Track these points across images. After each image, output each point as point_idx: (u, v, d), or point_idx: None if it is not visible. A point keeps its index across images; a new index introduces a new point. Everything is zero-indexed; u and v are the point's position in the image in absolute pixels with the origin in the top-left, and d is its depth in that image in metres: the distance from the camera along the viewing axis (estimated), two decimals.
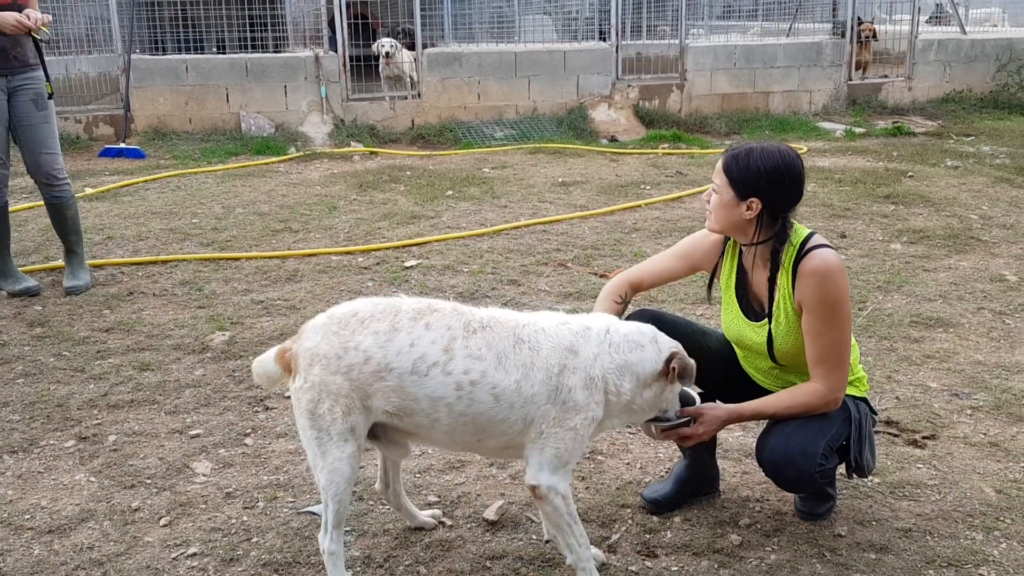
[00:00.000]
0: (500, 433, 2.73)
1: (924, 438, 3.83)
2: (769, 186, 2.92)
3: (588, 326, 2.79)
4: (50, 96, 5.42)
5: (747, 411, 3.01)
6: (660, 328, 3.21)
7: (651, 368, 2.77)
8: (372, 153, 10.00)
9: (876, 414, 3.28)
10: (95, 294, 5.48)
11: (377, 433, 2.87)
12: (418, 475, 3.58)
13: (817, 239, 3.03)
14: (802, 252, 2.98)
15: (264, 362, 2.88)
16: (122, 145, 9.78)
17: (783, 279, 3.02)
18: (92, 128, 10.29)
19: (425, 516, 3.23)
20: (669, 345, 2.83)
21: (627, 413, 2.82)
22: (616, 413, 2.80)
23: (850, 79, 12.73)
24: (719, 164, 3.01)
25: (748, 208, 2.95)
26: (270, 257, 6.17)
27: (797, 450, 2.93)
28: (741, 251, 3.17)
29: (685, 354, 2.83)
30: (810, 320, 2.95)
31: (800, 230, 3.04)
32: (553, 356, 2.70)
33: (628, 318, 3.13)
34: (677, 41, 12.13)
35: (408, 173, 8.83)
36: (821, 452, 2.93)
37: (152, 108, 10.38)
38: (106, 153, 9.66)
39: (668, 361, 2.78)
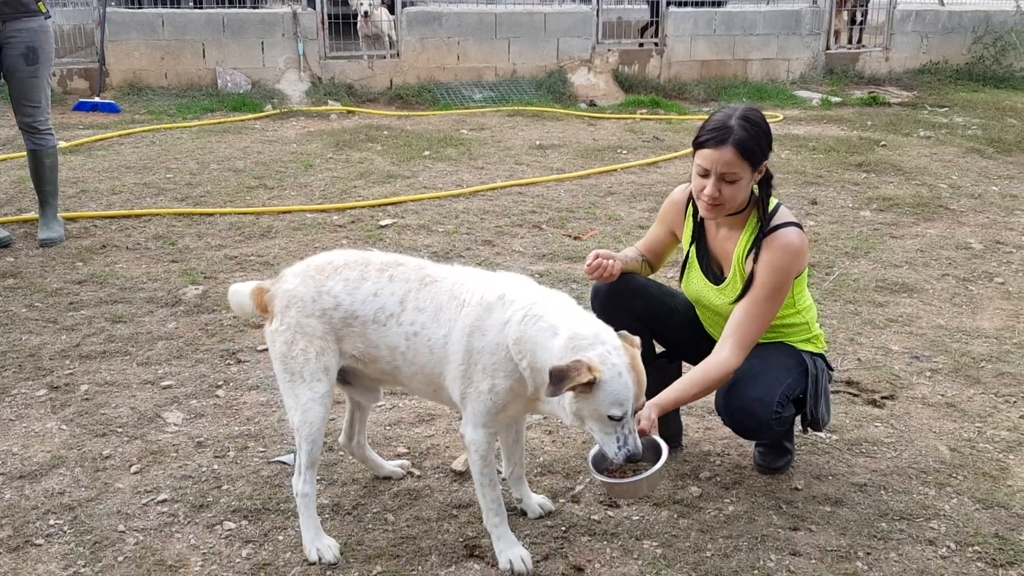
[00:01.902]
0: (444, 388, 2.76)
1: (883, 398, 3.93)
2: (771, 138, 3.02)
3: (521, 293, 2.66)
4: (46, 16, 5.35)
5: (667, 401, 2.95)
6: (629, 292, 3.29)
7: (549, 359, 2.52)
8: (349, 112, 9.95)
9: (832, 370, 3.36)
10: (68, 247, 5.46)
11: (348, 379, 2.96)
12: (388, 428, 3.63)
13: (785, 214, 3.09)
14: (770, 224, 3.04)
15: (240, 294, 2.96)
16: (97, 99, 9.68)
17: (740, 247, 3.08)
18: (66, 82, 10.17)
19: (393, 466, 3.29)
20: (600, 351, 2.49)
21: (544, 401, 2.62)
22: (533, 389, 2.62)
23: (828, 48, 12.77)
24: (731, 155, 2.90)
25: (759, 172, 3.01)
26: (244, 213, 6.16)
27: (755, 398, 3.01)
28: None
29: (595, 366, 2.44)
30: (753, 287, 3.02)
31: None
32: (470, 316, 2.65)
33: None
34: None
35: (385, 133, 8.81)
36: (777, 401, 3.02)
37: (127, 62, 10.26)
38: (80, 107, 9.55)
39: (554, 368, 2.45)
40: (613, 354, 2.51)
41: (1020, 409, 3.87)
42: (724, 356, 3.00)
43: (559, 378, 2.43)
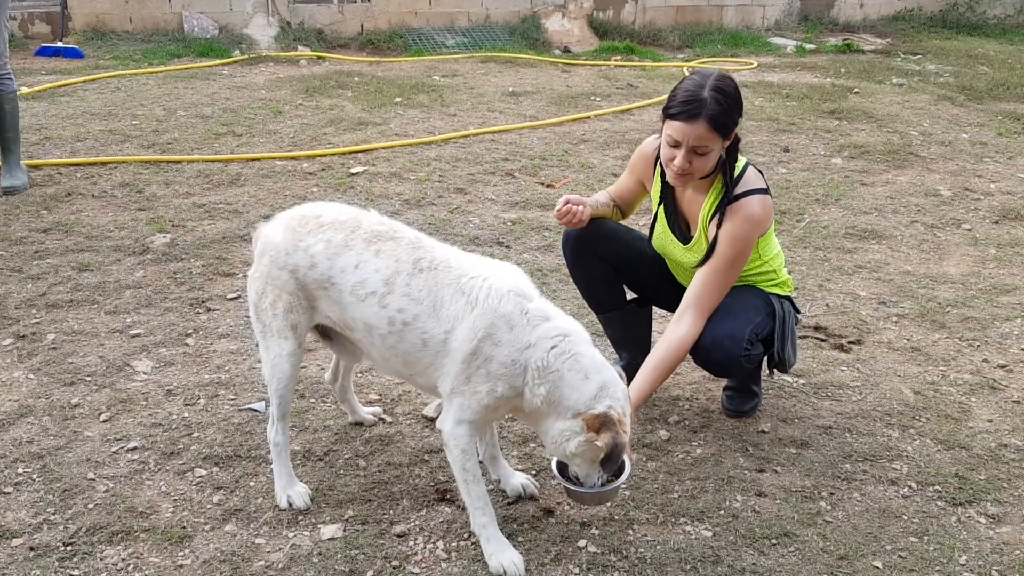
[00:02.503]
0: (426, 375, 2.63)
1: (850, 343, 3.98)
2: (742, 108, 2.98)
3: (548, 317, 2.52)
4: None
5: (642, 397, 2.94)
6: (600, 237, 3.29)
7: (576, 400, 2.47)
8: (319, 58, 9.79)
9: (800, 313, 3.40)
10: (32, 194, 5.37)
11: (329, 335, 2.89)
12: (361, 374, 3.63)
13: (751, 178, 3.06)
14: (736, 190, 3.02)
15: None
16: (59, 44, 9.44)
17: (705, 210, 3.08)
18: (28, 26, 9.91)
19: (366, 413, 3.29)
20: (618, 400, 2.49)
21: (538, 422, 2.56)
22: (534, 417, 2.56)
23: None
24: (703, 129, 2.86)
25: (728, 140, 2.98)
26: (212, 161, 6.07)
27: (724, 334, 3.04)
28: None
29: (621, 432, 2.46)
30: (715, 257, 3.03)
31: (738, 161, 3.08)
32: (483, 318, 2.48)
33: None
34: None
35: (356, 79, 8.68)
36: (747, 338, 3.05)
37: (90, 6, 10.00)
38: (43, 52, 9.32)
39: (598, 417, 2.44)
40: (626, 404, 2.54)
41: (983, 353, 3.94)
42: (684, 331, 3.02)
43: (618, 455, 2.47)
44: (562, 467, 2.73)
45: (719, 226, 3.03)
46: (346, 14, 10.75)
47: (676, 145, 2.93)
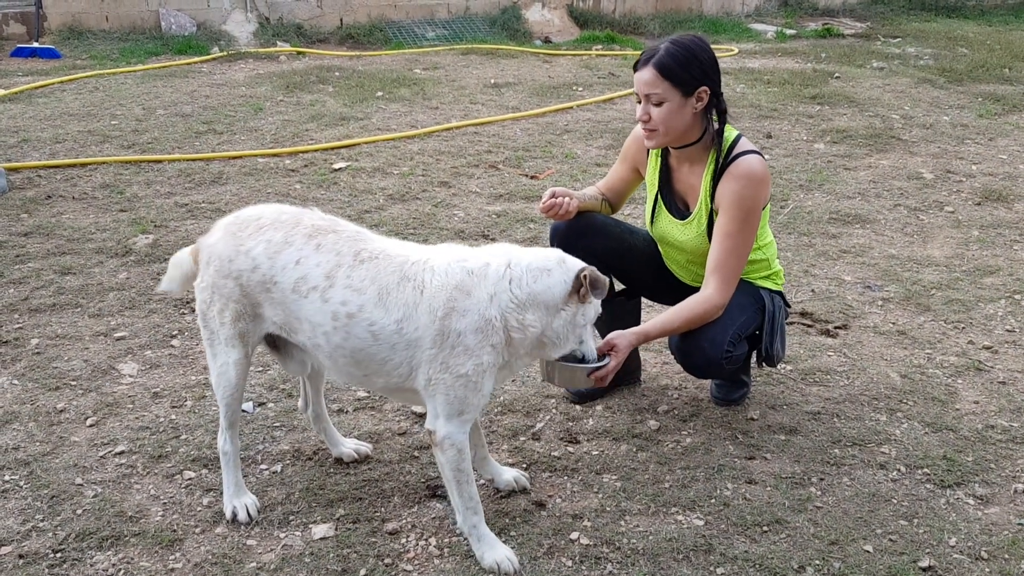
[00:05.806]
0: (384, 373, 2.57)
1: (836, 328, 4.00)
2: (711, 67, 2.98)
3: (487, 262, 2.53)
4: None
5: (654, 330, 3.00)
6: (589, 230, 3.28)
7: (560, 291, 2.53)
8: (299, 53, 9.73)
9: (790, 307, 3.40)
10: (11, 198, 5.31)
11: (276, 344, 2.81)
12: None
13: (746, 143, 3.07)
14: (731, 155, 3.02)
15: (181, 261, 2.82)
16: (35, 44, 9.35)
17: (707, 179, 3.07)
18: (2, 27, 9.80)
19: (348, 447, 3.09)
20: (578, 264, 2.60)
21: (538, 347, 2.59)
22: (526, 350, 2.58)
23: None
24: (649, 75, 2.92)
25: (698, 99, 2.97)
26: (194, 159, 6.03)
27: (706, 337, 3.03)
28: (666, 149, 3.20)
29: (595, 269, 2.59)
30: (723, 220, 3.01)
31: (728, 131, 3.08)
32: (439, 297, 2.47)
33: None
34: None
35: (336, 74, 8.64)
36: (728, 340, 3.04)
37: (65, 5, 9.90)
38: (18, 53, 9.23)
39: (578, 276, 2.55)
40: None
41: (968, 335, 3.96)
42: (708, 293, 3.01)
43: (599, 282, 2.55)
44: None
45: (720, 192, 3.02)
46: (325, 8, 10.68)
47: (640, 101, 2.99)
